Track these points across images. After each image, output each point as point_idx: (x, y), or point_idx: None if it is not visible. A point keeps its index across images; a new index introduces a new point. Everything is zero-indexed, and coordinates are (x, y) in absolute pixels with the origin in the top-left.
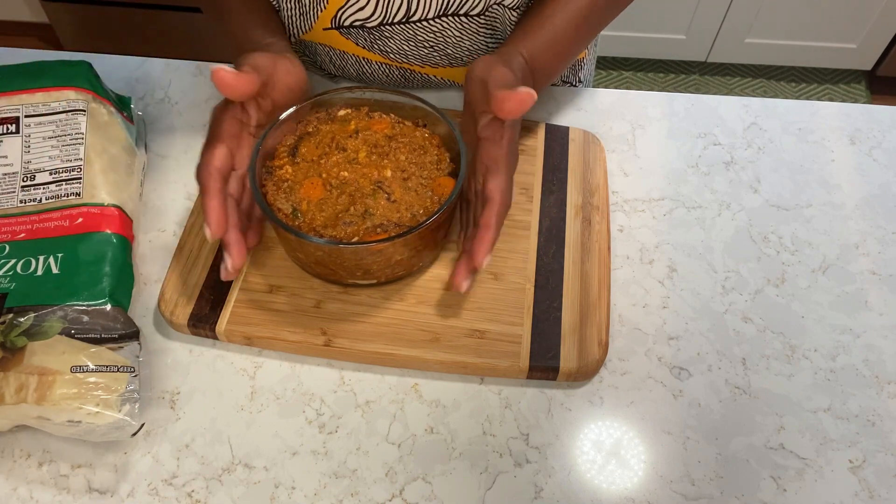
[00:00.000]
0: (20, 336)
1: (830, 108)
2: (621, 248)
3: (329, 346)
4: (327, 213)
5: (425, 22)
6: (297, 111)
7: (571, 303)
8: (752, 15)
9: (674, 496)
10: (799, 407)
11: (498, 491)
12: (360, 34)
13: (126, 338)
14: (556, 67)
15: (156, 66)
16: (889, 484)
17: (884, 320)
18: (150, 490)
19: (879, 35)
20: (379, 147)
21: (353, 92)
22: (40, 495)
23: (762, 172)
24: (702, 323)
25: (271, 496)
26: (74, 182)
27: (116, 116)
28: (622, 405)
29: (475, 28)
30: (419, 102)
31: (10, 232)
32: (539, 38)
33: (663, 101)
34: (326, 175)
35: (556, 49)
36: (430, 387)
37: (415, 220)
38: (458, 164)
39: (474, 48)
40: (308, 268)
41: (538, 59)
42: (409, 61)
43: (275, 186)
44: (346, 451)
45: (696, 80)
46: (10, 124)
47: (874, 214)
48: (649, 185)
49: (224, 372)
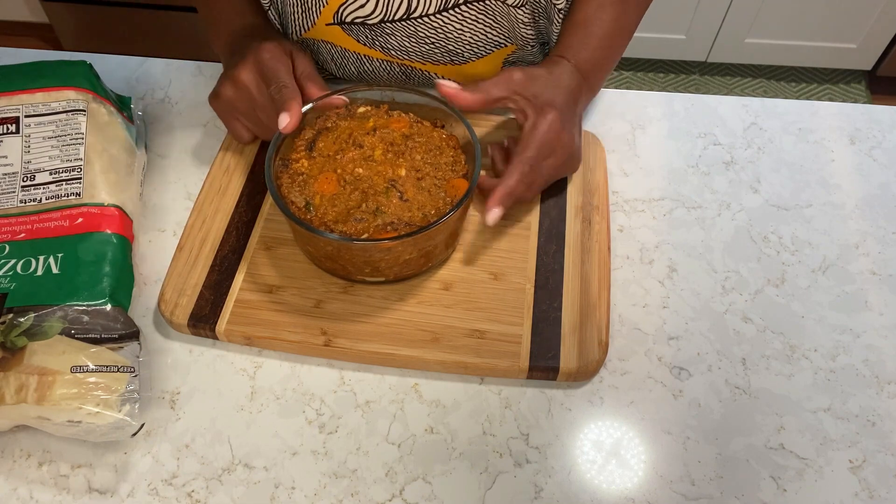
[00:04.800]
0: (20, 336)
1: (830, 108)
2: (621, 248)
3: (329, 346)
4: (339, 208)
5: (426, 18)
6: (316, 106)
7: (571, 303)
8: (752, 15)
9: (674, 496)
10: (799, 407)
11: (498, 491)
12: (361, 31)
13: (126, 338)
14: (605, 62)
15: (156, 66)
16: (889, 484)
17: (884, 320)
18: (150, 490)
19: (879, 35)
20: (395, 146)
21: (374, 90)
22: (40, 495)
23: (762, 172)
24: (702, 323)
25: (271, 496)
26: (74, 182)
27: (116, 116)
28: (622, 405)
29: (474, 20)
30: (439, 103)
31: (10, 232)
32: (579, 38)
33: (663, 101)
34: (341, 171)
35: (601, 44)
36: (430, 387)
37: (426, 221)
38: (473, 166)
39: (475, 45)
40: (317, 261)
41: (582, 56)
42: (409, 58)
43: (290, 179)
44: (346, 451)
45: (696, 80)
46: (10, 124)
47: (874, 214)
48: (649, 185)
49: (224, 372)
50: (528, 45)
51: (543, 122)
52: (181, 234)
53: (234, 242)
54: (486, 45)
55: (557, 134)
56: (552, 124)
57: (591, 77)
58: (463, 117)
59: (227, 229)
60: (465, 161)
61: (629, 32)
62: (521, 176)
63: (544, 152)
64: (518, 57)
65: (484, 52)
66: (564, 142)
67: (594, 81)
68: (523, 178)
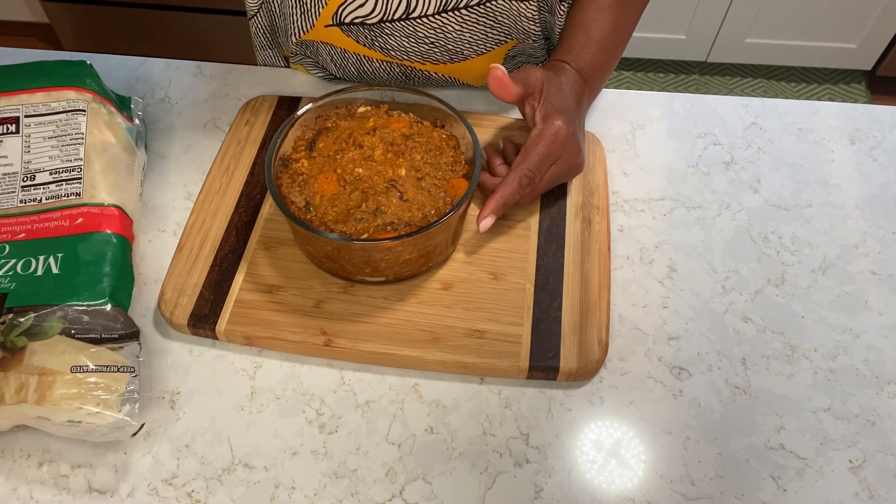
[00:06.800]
0: (20, 336)
1: (830, 108)
2: (621, 248)
3: (329, 346)
4: (339, 208)
5: (425, 18)
6: (318, 107)
7: (571, 303)
8: (752, 15)
9: (674, 496)
10: (799, 407)
11: (498, 491)
12: (360, 31)
13: (126, 338)
14: (605, 65)
15: (156, 66)
16: (889, 484)
17: (884, 320)
18: (150, 490)
19: (879, 35)
20: (395, 146)
21: (374, 90)
22: (40, 495)
23: (762, 172)
24: (702, 323)
25: (271, 496)
26: (74, 182)
27: (116, 116)
28: (622, 405)
29: (475, 21)
30: (439, 103)
31: (10, 232)
32: (580, 42)
33: (663, 101)
34: (341, 171)
35: (601, 47)
36: (430, 387)
37: (425, 221)
38: (473, 166)
39: (475, 43)
40: (317, 261)
41: (583, 60)
42: (409, 58)
43: (290, 179)
44: (346, 451)
45: (696, 80)
46: (11, 124)
47: (874, 214)
48: (649, 185)
49: (224, 372)
50: (529, 39)
51: (550, 130)
52: (181, 234)
53: (234, 242)
54: (486, 43)
55: (562, 143)
56: (558, 132)
57: (592, 80)
58: (463, 117)
59: (227, 229)
60: (465, 161)
61: (628, 34)
62: (520, 186)
63: (547, 161)
64: (519, 50)
65: (484, 50)
66: (569, 151)
67: (595, 85)
68: (521, 188)
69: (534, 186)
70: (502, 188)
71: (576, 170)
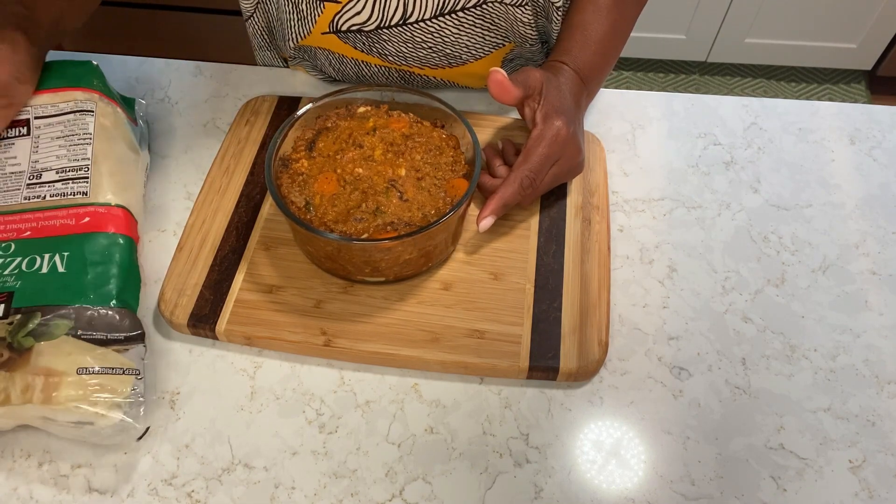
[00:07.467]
0: (27, 336)
1: (830, 108)
2: (621, 248)
3: (329, 346)
4: (339, 208)
5: (422, 23)
6: (318, 107)
7: (571, 303)
8: (752, 15)
9: (674, 496)
10: (799, 407)
11: (498, 491)
12: (357, 38)
13: (132, 340)
14: (604, 66)
15: (156, 66)
16: (889, 484)
17: (884, 320)
18: (150, 490)
19: (879, 35)
20: (395, 146)
21: (374, 90)
22: (40, 495)
23: (762, 172)
24: (702, 323)
25: (271, 496)
26: (81, 181)
27: (122, 117)
28: (622, 405)
29: (472, 24)
30: (439, 103)
31: (16, 230)
32: (578, 43)
33: (663, 101)
34: (341, 171)
35: (599, 48)
36: (430, 387)
37: (425, 221)
38: (473, 166)
39: (472, 47)
40: (317, 261)
41: (582, 61)
42: (407, 63)
43: (290, 179)
44: (346, 451)
45: (696, 80)
46: (22, 127)
47: (874, 214)
48: (649, 185)
49: (224, 372)
50: (526, 43)
51: (550, 131)
52: (181, 234)
53: (234, 242)
54: (483, 47)
55: (563, 144)
56: (559, 133)
57: (590, 81)
58: (463, 117)
59: (227, 229)
60: (465, 161)
61: (626, 34)
62: (521, 187)
63: (548, 162)
64: (517, 54)
65: (482, 54)
66: (569, 152)
67: (593, 85)
68: (522, 189)
69: (535, 187)
70: (503, 189)
71: (576, 170)
